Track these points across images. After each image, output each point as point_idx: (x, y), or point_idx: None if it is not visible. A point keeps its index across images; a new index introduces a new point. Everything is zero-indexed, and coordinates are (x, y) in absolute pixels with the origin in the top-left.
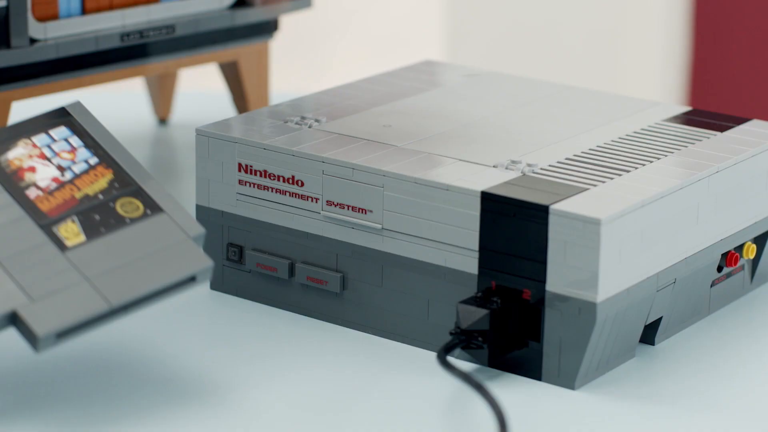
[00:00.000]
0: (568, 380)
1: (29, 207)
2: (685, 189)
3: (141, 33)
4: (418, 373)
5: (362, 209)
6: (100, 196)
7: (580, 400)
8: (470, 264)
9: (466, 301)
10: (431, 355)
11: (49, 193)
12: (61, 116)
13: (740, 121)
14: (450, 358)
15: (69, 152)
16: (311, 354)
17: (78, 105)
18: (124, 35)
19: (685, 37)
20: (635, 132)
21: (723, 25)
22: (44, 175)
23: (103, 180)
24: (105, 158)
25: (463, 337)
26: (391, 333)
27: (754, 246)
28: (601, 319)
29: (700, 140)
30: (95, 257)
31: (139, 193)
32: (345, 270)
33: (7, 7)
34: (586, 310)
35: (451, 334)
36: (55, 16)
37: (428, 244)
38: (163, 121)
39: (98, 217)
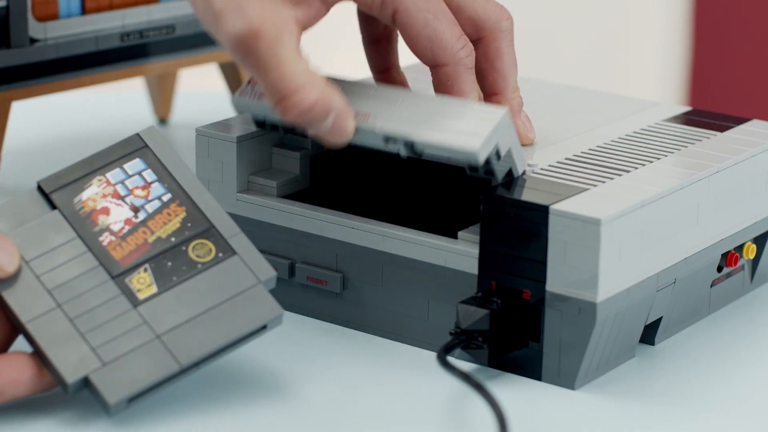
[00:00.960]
0: (568, 380)
1: (102, 255)
2: (685, 189)
3: (141, 33)
4: (418, 373)
5: None
6: (173, 239)
7: (580, 400)
8: (470, 264)
9: (466, 301)
10: (431, 355)
11: (121, 237)
12: (136, 146)
13: (740, 121)
14: (450, 359)
15: (143, 188)
16: (311, 354)
17: (152, 130)
18: (124, 35)
19: (685, 37)
20: (635, 132)
21: (723, 25)
22: (117, 217)
23: (176, 220)
24: (178, 194)
25: (464, 337)
26: (392, 333)
27: (754, 246)
28: (601, 319)
29: (700, 140)
30: (166, 311)
31: (211, 234)
32: (345, 270)
33: (7, 7)
34: (586, 310)
35: (451, 334)
36: (55, 16)
37: (428, 244)
38: (163, 121)
39: (170, 264)
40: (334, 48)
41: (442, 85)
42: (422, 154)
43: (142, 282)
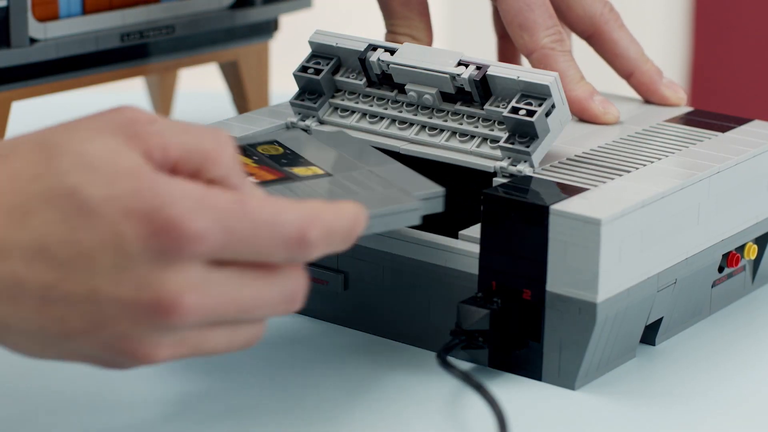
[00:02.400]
0: (568, 380)
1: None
2: (686, 189)
3: (141, 33)
4: (419, 373)
5: None
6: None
7: (580, 400)
8: (471, 264)
9: (466, 301)
10: (432, 355)
11: None
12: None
13: (741, 121)
14: (450, 359)
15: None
16: (311, 354)
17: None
18: (124, 35)
19: (685, 37)
20: (636, 132)
21: (723, 25)
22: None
23: None
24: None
25: (464, 337)
26: (392, 333)
27: (756, 246)
28: (601, 320)
29: (701, 141)
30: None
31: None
32: (346, 270)
33: (7, 7)
34: (586, 310)
35: (451, 333)
36: (55, 16)
37: (429, 243)
38: None
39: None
40: None
41: None
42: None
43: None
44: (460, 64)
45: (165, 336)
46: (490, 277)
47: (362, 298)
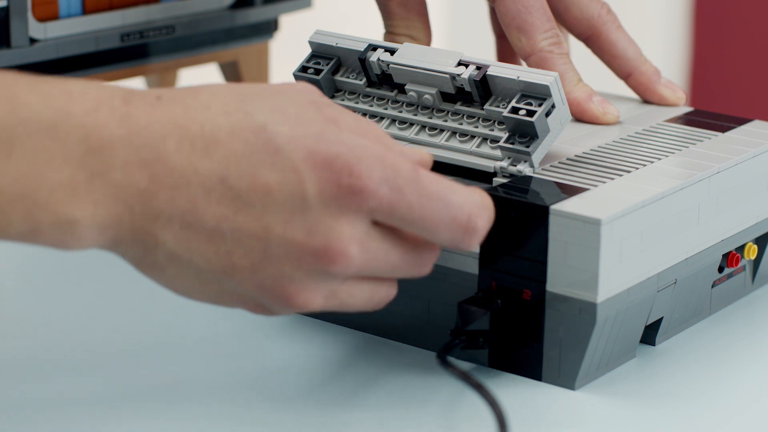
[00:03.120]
0: (568, 380)
1: None
2: (686, 189)
3: (141, 33)
4: (419, 373)
5: None
6: None
7: (580, 400)
8: (470, 264)
9: (466, 301)
10: (431, 355)
11: None
12: None
13: (741, 121)
14: (450, 358)
15: None
16: (311, 354)
17: None
18: (124, 35)
19: (685, 37)
20: (636, 132)
21: (723, 25)
22: None
23: None
24: None
25: (464, 337)
26: (392, 333)
27: (756, 247)
28: (601, 320)
29: (701, 141)
30: None
31: None
32: None
33: (7, 7)
34: (587, 310)
35: (451, 334)
36: (55, 16)
37: None
38: None
39: None
40: None
41: None
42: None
43: None
44: (460, 64)
45: (322, 283)
46: (490, 277)
47: None
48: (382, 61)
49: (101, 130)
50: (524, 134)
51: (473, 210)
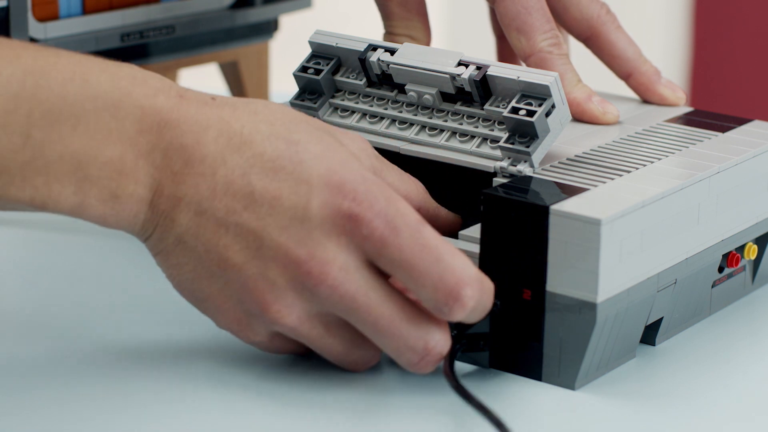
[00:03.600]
0: (568, 380)
1: None
2: (686, 189)
3: (141, 33)
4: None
5: None
6: None
7: (580, 400)
8: None
9: None
10: None
11: None
12: None
13: (742, 121)
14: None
15: None
16: (311, 354)
17: None
18: (124, 35)
19: (685, 37)
20: (636, 132)
21: (723, 25)
22: None
23: None
24: None
25: (464, 341)
26: None
27: (756, 247)
28: (601, 320)
29: (701, 141)
30: None
31: None
32: None
33: (7, 7)
34: (587, 310)
35: (451, 337)
36: (55, 16)
37: None
38: None
39: None
40: None
41: None
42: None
43: None
44: (460, 64)
45: (300, 301)
46: (490, 277)
47: None
48: (382, 61)
49: (154, 114)
50: (524, 134)
51: (465, 278)
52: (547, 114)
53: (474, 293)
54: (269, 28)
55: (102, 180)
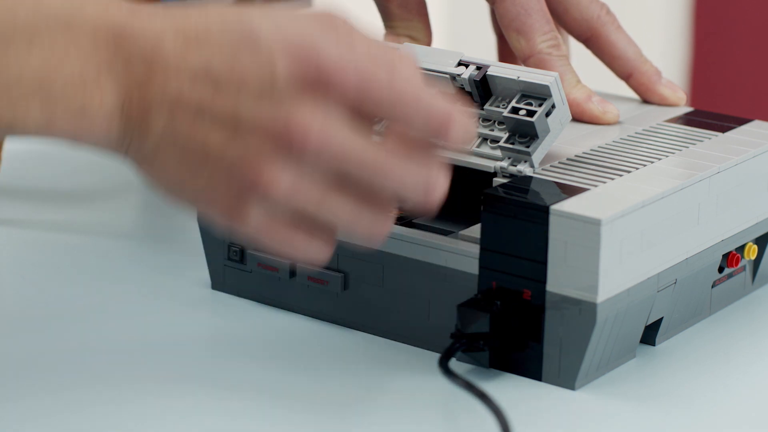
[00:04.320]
0: (568, 380)
1: None
2: (686, 189)
3: None
4: (419, 373)
5: None
6: None
7: (580, 400)
8: (471, 264)
9: (466, 304)
10: (432, 356)
11: None
12: None
13: (742, 121)
14: (451, 365)
15: None
16: (311, 354)
17: None
18: None
19: (685, 37)
20: (636, 132)
21: (723, 25)
22: None
23: None
24: None
25: (464, 340)
26: (392, 333)
27: (756, 247)
28: (601, 320)
29: (701, 141)
30: None
31: None
32: (346, 270)
33: None
34: (587, 310)
35: (451, 337)
36: None
37: (428, 244)
38: None
39: None
40: None
41: None
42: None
43: None
44: (460, 64)
45: (288, 165)
46: (490, 278)
47: (362, 298)
48: None
49: (108, 28)
50: (524, 134)
51: (451, 103)
52: (547, 114)
53: (462, 116)
54: None
55: (66, 96)
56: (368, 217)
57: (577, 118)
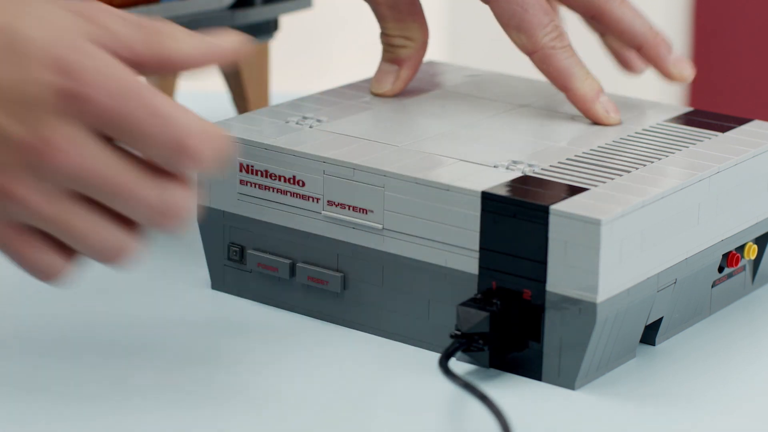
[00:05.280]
0: (568, 380)
1: None
2: (686, 189)
3: None
4: (419, 373)
5: (363, 209)
6: None
7: (580, 400)
8: (471, 264)
9: (466, 304)
10: (432, 355)
11: None
12: None
13: (742, 121)
14: (451, 365)
15: None
16: (311, 354)
17: None
18: None
19: (685, 37)
20: (636, 132)
21: (723, 24)
22: None
23: None
24: None
25: (464, 340)
26: (392, 333)
27: (756, 246)
28: (601, 320)
29: (702, 141)
30: None
31: None
32: (346, 270)
33: None
34: (587, 310)
35: (451, 337)
36: None
37: (429, 244)
38: None
39: None
40: (334, 49)
41: (542, 71)
42: None
43: None
44: None
45: (38, 180)
46: (490, 277)
47: (362, 298)
48: None
49: None
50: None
51: (187, 130)
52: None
53: (200, 143)
54: (269, 28)
55: None
56: (108, 237)
57: (582, 113)
